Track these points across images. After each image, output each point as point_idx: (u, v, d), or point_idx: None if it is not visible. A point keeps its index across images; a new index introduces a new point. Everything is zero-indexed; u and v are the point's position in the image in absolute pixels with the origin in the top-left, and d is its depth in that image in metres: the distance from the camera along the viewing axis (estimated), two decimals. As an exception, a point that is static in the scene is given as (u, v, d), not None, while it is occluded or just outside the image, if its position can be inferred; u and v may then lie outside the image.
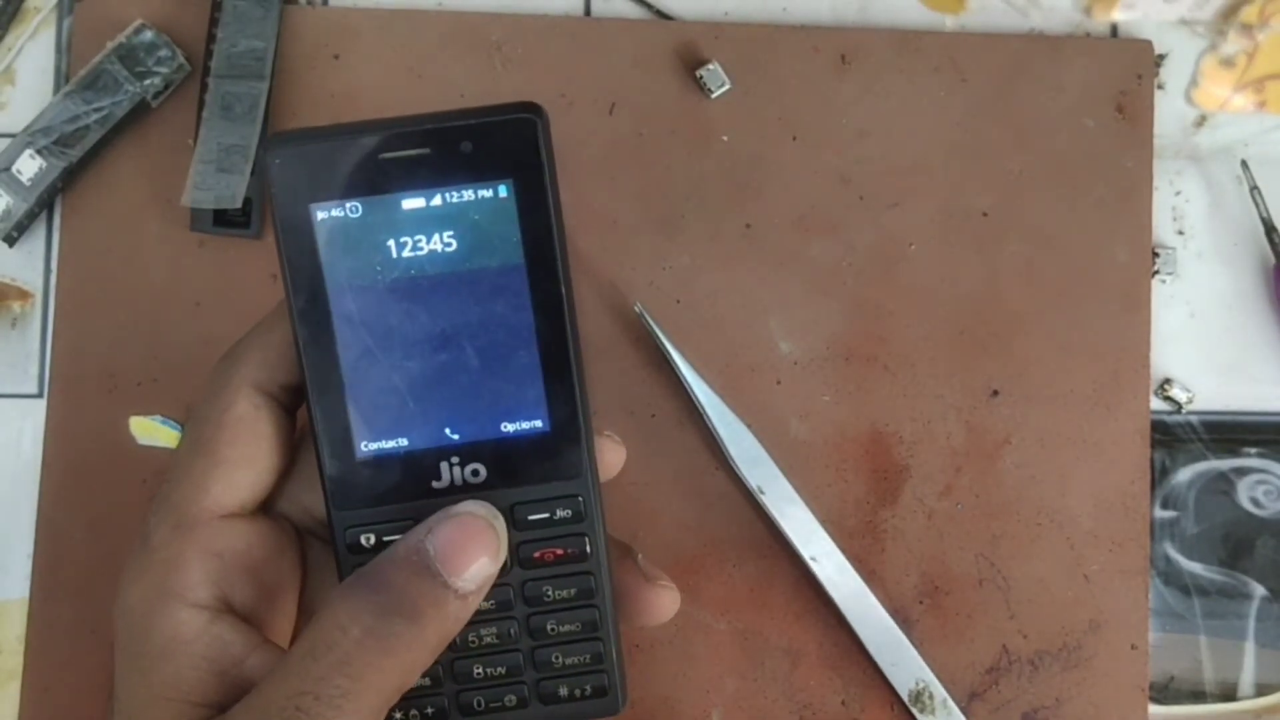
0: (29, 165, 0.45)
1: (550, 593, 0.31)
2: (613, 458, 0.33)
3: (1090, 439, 0.47)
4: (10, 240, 0.46)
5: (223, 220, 0.46)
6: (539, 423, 0.31)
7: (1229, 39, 0.49)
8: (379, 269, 0.30)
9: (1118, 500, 0.47)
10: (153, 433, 0.46)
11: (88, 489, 0.46)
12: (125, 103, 0.46)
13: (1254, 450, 0.48)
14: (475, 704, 0.31)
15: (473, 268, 0.30)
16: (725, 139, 0.48)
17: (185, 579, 0.29)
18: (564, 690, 0.32)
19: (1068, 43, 0.49)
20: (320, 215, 0.29)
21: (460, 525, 0.29)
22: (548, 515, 0.31)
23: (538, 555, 0.31)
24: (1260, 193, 0.48)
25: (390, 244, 0.30)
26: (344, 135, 0.29)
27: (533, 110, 0.30)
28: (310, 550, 0.33)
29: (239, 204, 0.45)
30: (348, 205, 0.29)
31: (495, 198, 0.30)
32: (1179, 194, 0.49)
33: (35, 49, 0.48)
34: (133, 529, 0.44)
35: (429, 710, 0.31)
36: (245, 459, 0.31)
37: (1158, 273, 0.48)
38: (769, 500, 0.44)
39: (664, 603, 0.33)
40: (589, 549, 0.31)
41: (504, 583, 0.30)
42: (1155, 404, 0.48)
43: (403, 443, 0.30)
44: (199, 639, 0.29)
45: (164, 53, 0.46)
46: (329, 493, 0.31)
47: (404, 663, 0.28)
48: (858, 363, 0.47)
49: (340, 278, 0.30)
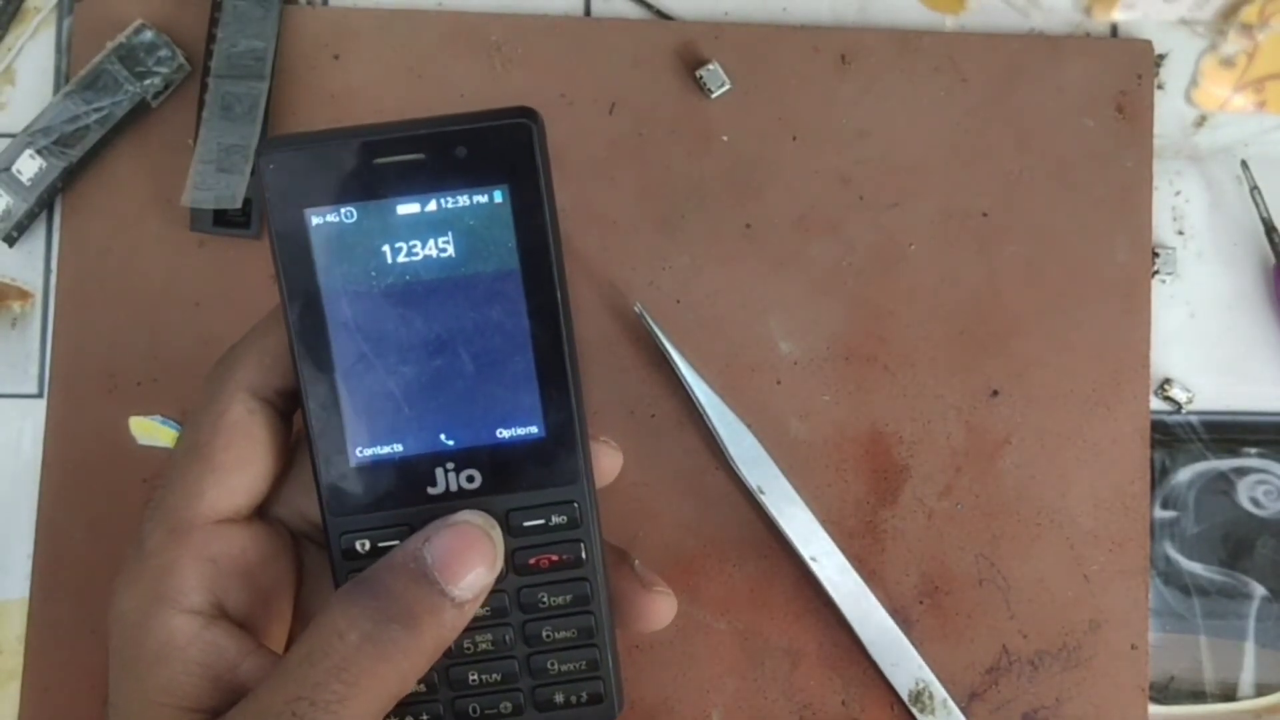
0: (29, 165, 0.45)
1: (546, 599, 0.31)
2: (609, 463, 0.33)
3: (1090, 439, 0.47)
4: (10, 240, 0.46)
5: (223, 220, 0.46)
6: (534, 429, 0.31)
7: (1229, 39, 0.49)
8: (374, 274, 0.30)
9: (1118, 500, 0.47)
10: (153, 433, 0.46)
11: (88, 489, 0.46)
12: (125, 103, 0.46)
13: (1254, 450, 0.48)
14: (470, 710, 0.31)
15: (468, 273, 0.30)
16: (725, 139, 0.48)
17: (179, 584, 0.29)
18: (559, 697, 0.32)
19: (1068, 43, 0.49)
20: (315, 220, 0.29)
21: (458, 534, 0.29)
22: (543, 521, 0.31)
23: (533, 562, 0.31)
24: (1260, 193, 0.48)
25: (385, 249, 0.30)
26: (338, 140, 0.29)
27: (528, 115, 0.30)
28: (305, 554, 0.33)
29: (239, 204, 0.45)
30: (342, 210, 0.29)
31: (490, 203, 0.30)
32: (1179, 194, 0.49)
33: (35, 49, 0.48)
34: (133, 529, 0.44)
35: (424, 717, 0.31)
36: (240, 464, 0.30)
37: (1158, 273, 0.48)
38: (769, 500, 0.44)
39: (661, 609, 0.33)
40: (584, 555, 0.31)
41: (499, 589, 0.30)
42: (1155, 404, 0.48)
43: (398, 449, 0.30)
44: (193, 644, 0.29)
45: (164, 53, 0.46)
46: (324, 498, 0.30)
47: (400, 669, 0.28)
48: (858, 363, 0.47)
49: (335, 283, 0.30)
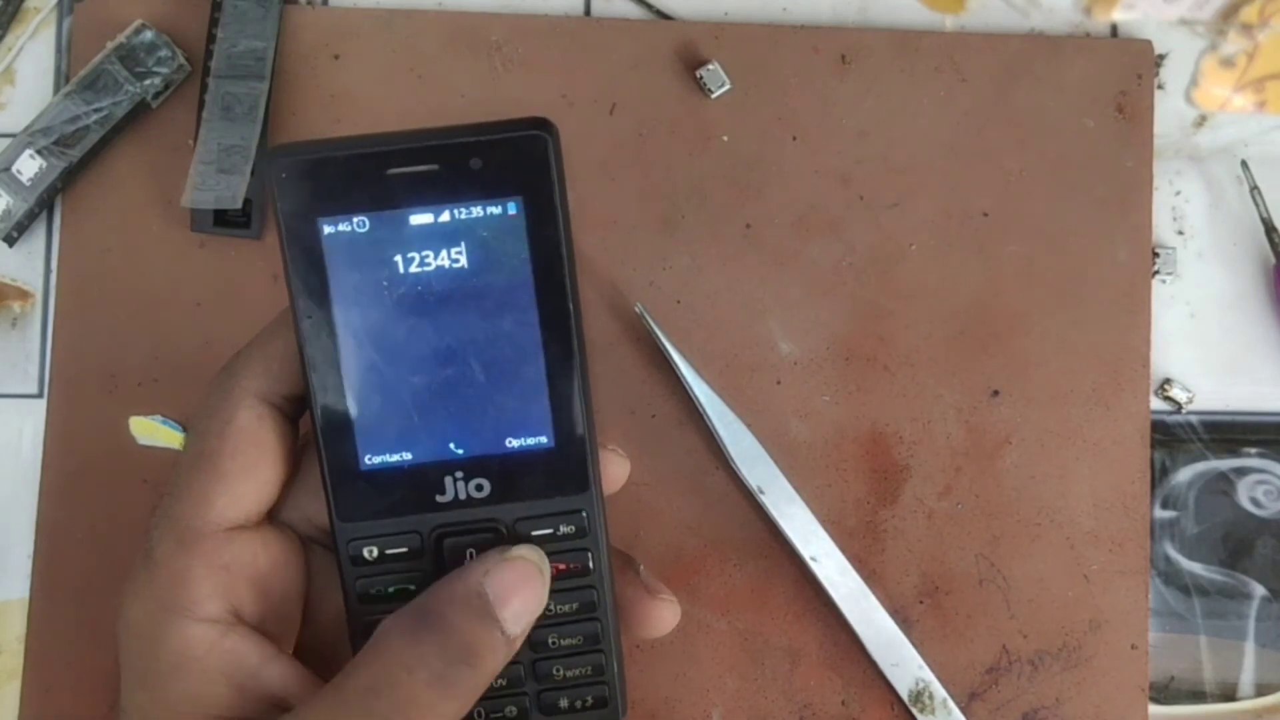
0: (29, 165, 0.45)
1: (552, 606, 0.31)
2: (616, 471, 0.33)
3: (1090, 439, 0.47)
4: (10, 240, 0.46)
5: (223, 220, 0.46)
6: (544, 439, 0.31)
7: (1229, 39, 0.49)
8: (386, 283, 0.29)
9: (1118, 500, 0.47)
10: (153, 433, 0.46)
11: (88, 489, 0.46)
12: (125, 103, 0.46)
13: (1254, 450, 0.48)
14: (476, 714, 0.31)
15: (480, 284, 0.30)
16: (725, 139, 0.48)
17: (193, 594, 0.29)
18: (564, 702, 0.32)
19: (1068, 43, 0.49)
20: (327, 229, 0.29)
21: (516, 570, 0.29)
22: (551, 531, 0.31)
23: None
24: (1260, 193, 0.48)
25: (398, 259, 0.29)
26: (352, 149, 0.29)
27: (543, 126, 0.29)
28: (313, 558, 0.33)
29: (239, 204, 0.45)
30: (355, 220, 0.29)
31: (504, 215, 0.29)
32: (1179, 194, 0.49)
33: (35, 49, 0.48)
34: (134, 529, 0.45)
35: None
36: (248, 470, 0.30)
37: (1158, 273, 0.48)
38: (769, 500, 0.44)
39: (664, 616, 0.33)
40: (592, 564, 0.31)
41: None
42: (1155, 404, 0.48)
43: (407, 456, 0.30)
44: (211, 653, 0.29)
45: (164, 53, 0.46)
46: (332, 505, 0.30)
47: (460, 707, 0.28)
48: (858, 363, 0.47)
49: (346, 291, 0.30)
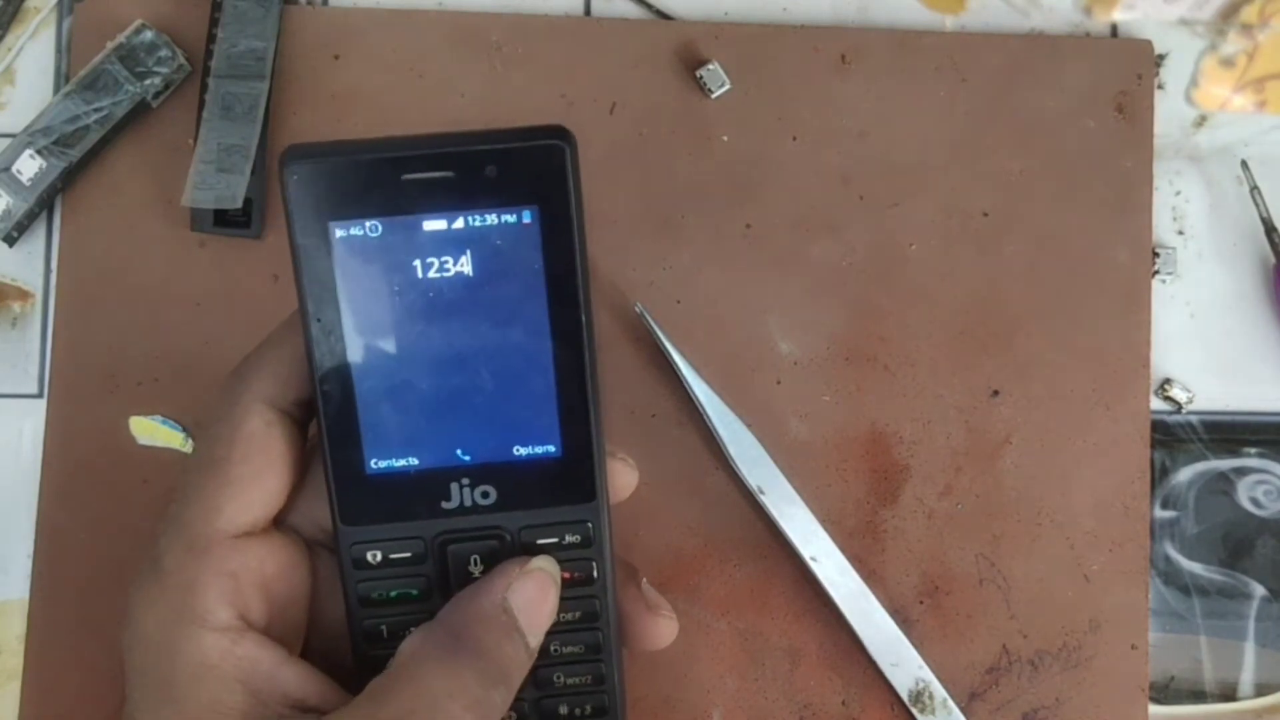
0: (29, 165, 0.45)
1: (556, 615, 0.31)
2: (625, 481, 0.33)
3: (1090, 439, 0.47)
4: (10, 240, 0.46)
5: (223, 220, 0.46)
6: (552, 447, 0.30)
7: (1229, 39, 0.49)
8: (397, 289, 0.29)
9: (1118, 500, 0.47)
10: (153, 433, 0.46)
11: (88, 489, 0.46)
12: (125, 103, 0.46)
13: (1254, 450, 0.48)
14: None
15: (492, 292, 0.29)
16: (725, 139, 0.48)
17: (204, 603, 0.29)
18: (564, 709, 0.32)
19: (1068, 43, 0.49)
20: (339, 233, 0.29)
21: (537, 583, 0.30)
22: (556, 540, 0.31)
23: None
24: (1260, 193, 0.48)
25: (410, 265, 0.29)
26: (366, 153, 0.29)
27: (561, 136, 0.29)
28: (319, 561, 0.32)
29: (239, 204, 0.45)
30: (367, 224, 0.29)
31: (519, 223, 0.29)
32: (1179, 194, 0.49)
33: (35, 49, 0.48)
34: (134, 529, 0.45)
35: None
36: (257, 477, 0.30)
37: (1158, 273, 0.48)
38: (769, 500, 0.44)
39: (663, 632, 0.34)
40: (596, 574, 0.31)
41: None
42: (1155, 404, 0.48)
43: (413, 462, 0.30)
44: (226, 661, 0.29)
45: (164, 53, 0.46)
46: (336, 508, 0.30)
47: None
48: (858, 363, 0.47)
49: (357, 296, 0.29)
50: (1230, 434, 0.48)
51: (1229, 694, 0.47)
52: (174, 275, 0.46)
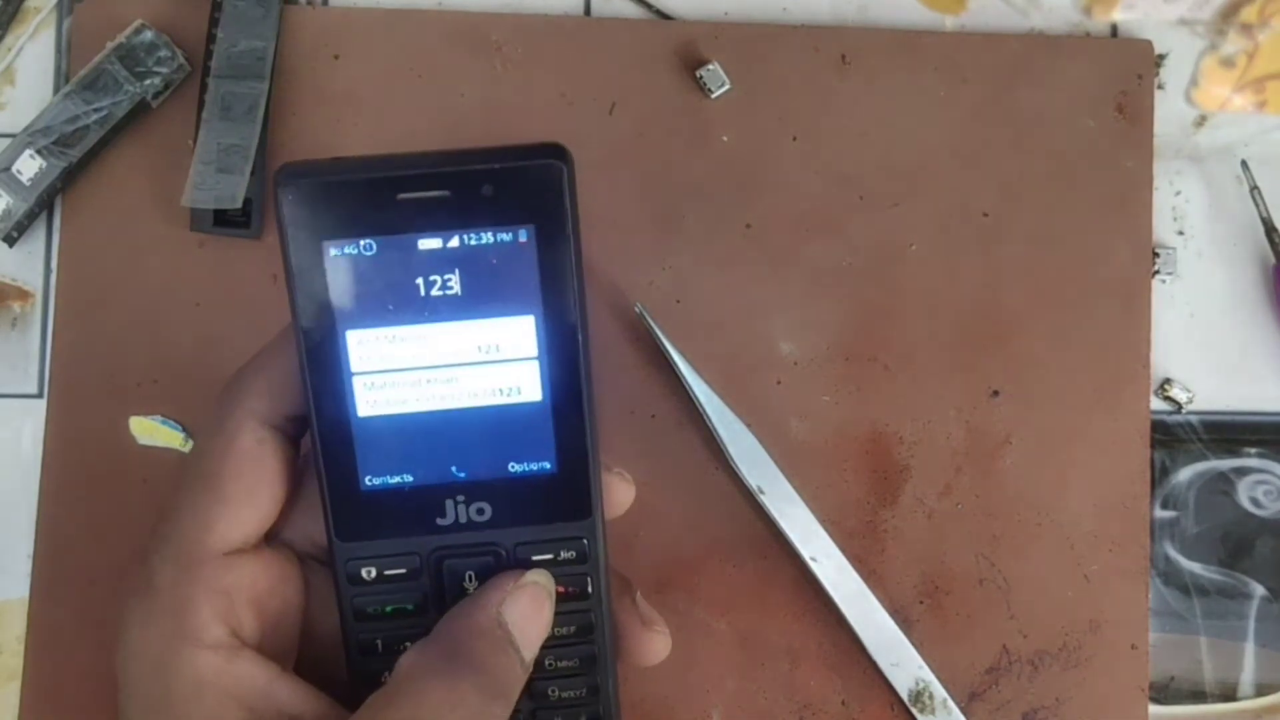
0: (29, 165, 0.45)
1: (551, 629, 0.31)
2: (621, 496, 0.33)
3: (1090, 439, 0.47)
4: (10, 240, 0.46)
5: (223, 220, 0.46)
6: (547, 464, 0.30)
7: (1229, 39, 0.49)
8: (391, 307, 0.29)
9: (1118, 500, 0.47)
10: (153, 433, 0.46)
11: (88, 489, 0.46)
12: (125, 103, 0.46)
13: (1254, 450, 0.48)
14: None
15: (488, 309, 0.29)
16: (725, 139, 0.48)
17: (197, 621, 0.29)
18: None
19: (1068, 43, 0.49)
20: (333, 252, 0.29)
21: (531, 597, 0.30)
22: (552, 556, 0.31)
23: None
24: (1260, 193, 0.48)
25: (404, 283, 0.29)
26: (361, 172, 0.29)
27: (558, 155, 0.29)
28: (311, 575, 0.32)
29: (239, 204, 0.45)
30: (362, 244, 0.29)
31: (515, 241, 0.29)
32: (1179, 194, 0.49)
33: (35, 49, 0.48)
34: (134, 529, 0.45)
35: None
36: (250, 494, 0.30)
37: (1158, 273, 0.48)
38: (769, 500, 0.44)
39: (656, 648, 0.34)
40: (591, 589, 0.31)
41: None
42: (1155, 404, 0.48)
43: (408, 478, 0.30)
44: (221, 679, 0.29)
45: (164, 53, 0.46)
46: (331, 524, 0.30)
47: None
48: (858, 363, 0.47)
49: (351, 314, 0.29)
50: (1230, 434, 0.48)
51: (1229, 694, 0.47)
52: (174, 275, 0.46)
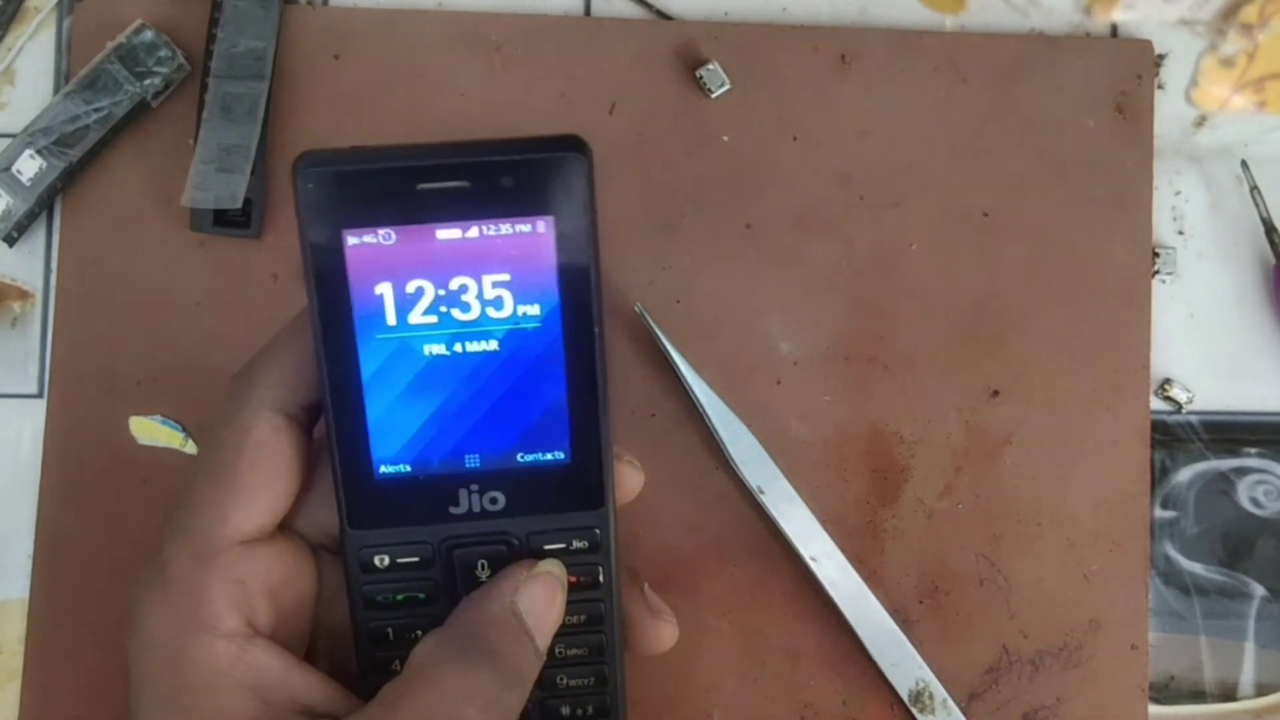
0: (29, 165, 0.45)
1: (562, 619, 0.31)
2: (630, 484, 0.33)
3: (1090, 439, 0.47)
4: (10, 240, 0.46)
5: (223, 220, 0.46)
6: (561, 454, 0.31)
7: (1229, 39, 0.49)
8: (409, 296, 0.29)
9: (1118, 500, 0.47)
10: (153, 433, 0.46)
11: (88, 489, 0.46)
12: (125, 103, 0.46)
13: (1254, 450, 0.48)
14: None
15: (504, 300, 0.29)
16: (725, 139, 0.48)
17: (211, 609, 0.29)
18: (566, 710, 0.32)
19: (1068, 43, 0.49)
20: (352, 240, 0.29)
21: (545, 585, 0.30)
22: (564, 546, 0.31)
23: None
24: (1260, 193, 0.48)
25: (422, 272, 0.29)
26: (381, 161, 0.29)
27: (578, 147, 0.29)
28: (323, 565, 0.33)
29: (239, 204, 0.45)
30: (380, 233, 0.29)
31: (533, 233, 0.29)
32: (1179, 194, 0.49)
33: (35, 49, 0.48)
34: (134, 529, 0.45)
35: None
36: (265, 484, 0.30)
37: (1158, 273, 0.48)
38: (769, 500, 0.44)
39: (664, 637, 0.34)
40: (602, 578, 0.31)
41: None
42: (1155, 404, 0.48)
43: (422, 467, 0.30)
44: (235, 668, 0.29)
45: (164, 53, 0.46)
46: (344, 512, 0.30)
47: None
48: (858, 363, 0.47)
49: (369, 303, 0.29)
50: (1230, 434, 0.48)
51: (1229, 694, 0.47)
52: (174, 275, 0.46)
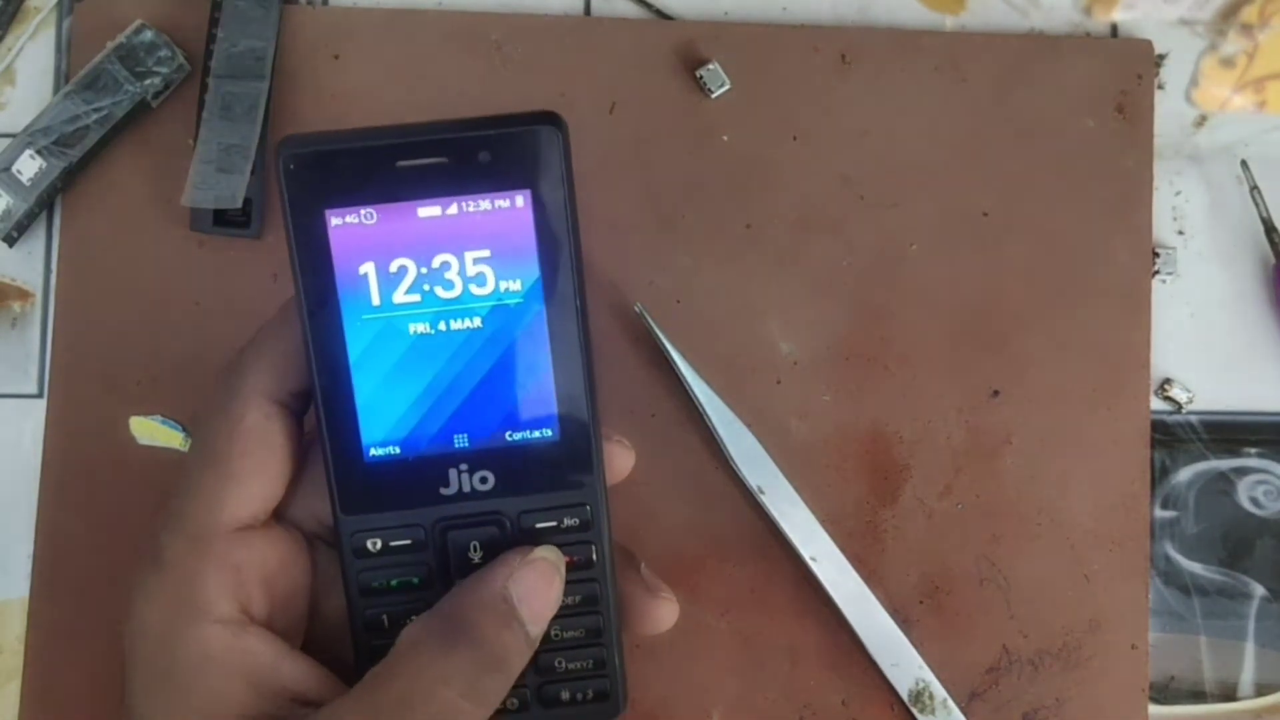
0: (29, 165, 0.45)
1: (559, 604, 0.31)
2: (621, 462, 0.33)
3: (1090, 439, 0.47)
4: (10, 240, 0.46)
5: (223, 220, 0.46)
6: (549, 431, 0.31)
7: (1229, 39, 0.49)
8: (392, 274, 0.30)
9: (1118, 500, 0.47)
10: (153, 433, 0.46)
11: (88, 489, 0.46)
12: (125, 103, 0.46)
13: (1254, 450, 0.48)
14: None
15: (486, 276, 0.30)
16: (725, 139, 0.48)
17: (206, 595, 0.29)
18: (565, 694, 0.32)
19: (1068, 43, 0.49)
20: (334, 220, 0.29)
21: (539, 572, 0.30)
22: (555, 524, 0.31)
23: None
24: (1260, 193, 0.48)
25: (404, 250, 0.29)
26: (360, 141, 0.29)
27: (553, 120, 0.29)
28: (318, 554, 0.33)
29: (239, 204, 0.45)
30: (363, 212, 0.29)
31: (512, 207, 0.29)
32: (1179, 194, 0.49)
33: (35, 49, 0.48)
34: (134, 529, 0.45)
35: None
36: (258, 470, 0.30)
37: (1158, 273, 0.48)
38: (769, 500, 0.44)
39: (664, 614, 0.34)
40: (595, 557, 0.31)
41: None
42: (1155, 404, 0.48)
43: (412, 448, 0.31)
44: (229, 654, 0.29)
45: (164, 53, 0.46)
46: (336, 497, 0.31)
47: (486, 712, 0.29)
48: (858, 363, 0.47)
49: (353, 283, 0.30)
50: (1230, 434, 0.48)
51: (1229, 694, 0.47)
52: (174, 275, 0.46)
